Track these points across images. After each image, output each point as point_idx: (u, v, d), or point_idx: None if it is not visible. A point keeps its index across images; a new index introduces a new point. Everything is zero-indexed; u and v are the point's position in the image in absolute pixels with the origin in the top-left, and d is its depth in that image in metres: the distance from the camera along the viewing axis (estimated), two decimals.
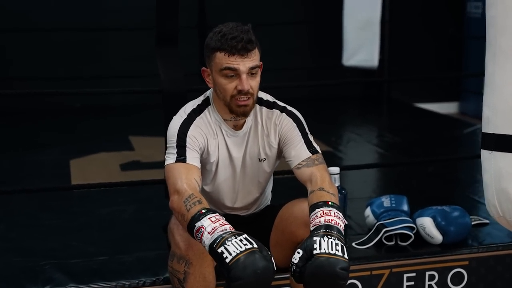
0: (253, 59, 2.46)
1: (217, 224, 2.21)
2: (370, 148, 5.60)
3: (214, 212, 2.26)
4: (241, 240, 2.14)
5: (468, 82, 7.80)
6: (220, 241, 2.14)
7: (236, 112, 2.50)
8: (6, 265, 3.01)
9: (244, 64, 2.43)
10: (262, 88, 2.63)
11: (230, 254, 2.11)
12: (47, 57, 6.95)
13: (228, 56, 2.43)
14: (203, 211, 2.25)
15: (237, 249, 2.12)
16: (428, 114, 7.07)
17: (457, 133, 6.17)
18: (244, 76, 2.44)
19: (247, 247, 2.12)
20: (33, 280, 2.86)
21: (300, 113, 2.69)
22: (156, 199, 3.63)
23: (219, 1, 7.03)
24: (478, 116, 2.32)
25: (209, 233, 2.19)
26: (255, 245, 2.14)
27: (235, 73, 2.44)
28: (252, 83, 2.46)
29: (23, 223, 3.58)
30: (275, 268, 2.17)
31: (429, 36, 7.76)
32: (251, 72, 2.46)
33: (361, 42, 7.09)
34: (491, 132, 2.20)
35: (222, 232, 2.17)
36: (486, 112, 2.23)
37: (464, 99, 7.95)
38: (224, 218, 2.26)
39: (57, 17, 6.93)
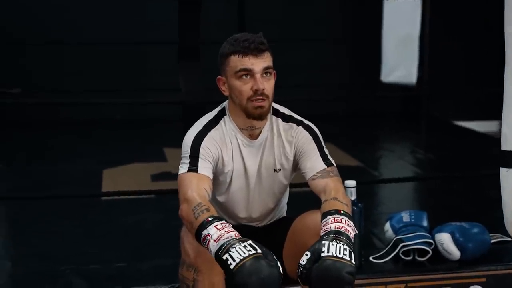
0: (266, 60, 2.51)
1: (222, 231, 2.24)
2: (401, 164, 5.57)
3: (220, 219, 2.29)
4: (245, 246, 2.16)
5: None
6: (225, 248, 2.17)
7: (253, 114, 2.53)
8: (27, 269, 3.10)
9: (257, 64, 2.49)
10: (300, 101, 2.66)
11: (234, 260, 2.14)
12: (84, 70, 7.10)
13: (242, 57, 2.49)
14: (210, 218, 2.28)
15: (241, 255, 2.14)
16: (466, 132, 7.00)
17: (494, 152, 6.09)
18: (258, 76, 2.49)
19: (251, 252, 2.15)
20: (52, 284, 2.93)
21: (338, 128, 2.71)
22: None
23: (259, 16, 7.09)
24: None
25: (215, 240, 2.22)
26: (259, 251, 2.16)
27: (250, 74, 2.49)
28: (266, 85, 2.51)
29: (48, 229, 3.68)
30: (281, 273, 2.19)
31: (469, 53, 7.69)
32: (265, 73, 2.50)
33: (400, 58, 7.10)
34: (509, 150, 2.19)
35: (227, 239, 2.20)
36: (504, 129, 2.23)
37: None
38: (231, 226, 2.29)
39: (100, 32, 7.08)
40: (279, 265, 2.20)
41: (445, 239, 3.17)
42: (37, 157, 5.51)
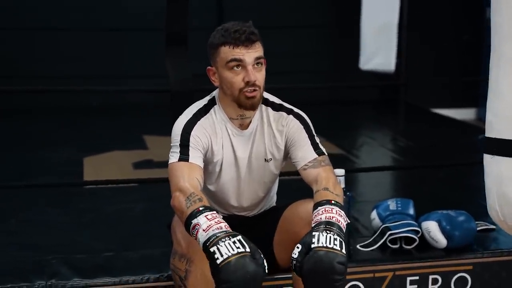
0: (257, 50, 2.49)
1: (212, 222, 2.23)
2: (383, 152, 5.60)
3: (211, 210, 2.29)
4: (234, 242, 2.16)
5: (486, 88, 7.75)
6: (214, 240, 2.17)
7: (245, 105, 2.51)
8: (13, 258, 3.06)
9: (249, 55, 2.46)
10: (278, 89, 2.65)
11: (222, 255, 2.14)
12: (63, 56, 7.01)
13: (233, 48, 2.46)
14: (201, 208, 2.28)
15: (229, 251, 2.14)
16: (444, 119, 7.04)
17: (473, 139, 6.14)
18: (250, 67, 2.47)
19: (239, 250, 2.15)
20: (39, 274, 2.89)
21: (317, 116, 2.70)
22: (166, 197, 3.63)
23: (238, 4, 7.06)
24: None
25: (204, 230, 2.22)
26: (248, 249, 2.17)
27: (241, 65, 2.47)
28: (258, 75, 2.49)
29: (32, 218, 3.64)
30: (266, 271, 2.20)
31: (447, 42, 7.72)
32: (256, 63, 2.48)
33: (379, 46, 7.09)
34: (493, 137, 2.21)
35: (217, 231, 2.20)
36: (489, 117, 2.24)
37: (482, 105, 7.91)
38: (221, 217, 2.29)
39: (76, 18, 6.99)
40: (265, 264, 2.21)
41: (432, 227, 3.19)
42: (16, 145, 5.44)
